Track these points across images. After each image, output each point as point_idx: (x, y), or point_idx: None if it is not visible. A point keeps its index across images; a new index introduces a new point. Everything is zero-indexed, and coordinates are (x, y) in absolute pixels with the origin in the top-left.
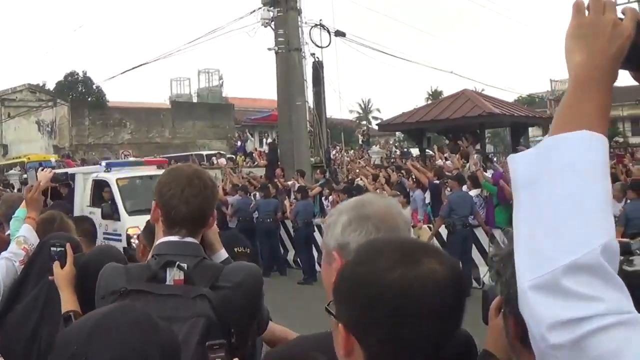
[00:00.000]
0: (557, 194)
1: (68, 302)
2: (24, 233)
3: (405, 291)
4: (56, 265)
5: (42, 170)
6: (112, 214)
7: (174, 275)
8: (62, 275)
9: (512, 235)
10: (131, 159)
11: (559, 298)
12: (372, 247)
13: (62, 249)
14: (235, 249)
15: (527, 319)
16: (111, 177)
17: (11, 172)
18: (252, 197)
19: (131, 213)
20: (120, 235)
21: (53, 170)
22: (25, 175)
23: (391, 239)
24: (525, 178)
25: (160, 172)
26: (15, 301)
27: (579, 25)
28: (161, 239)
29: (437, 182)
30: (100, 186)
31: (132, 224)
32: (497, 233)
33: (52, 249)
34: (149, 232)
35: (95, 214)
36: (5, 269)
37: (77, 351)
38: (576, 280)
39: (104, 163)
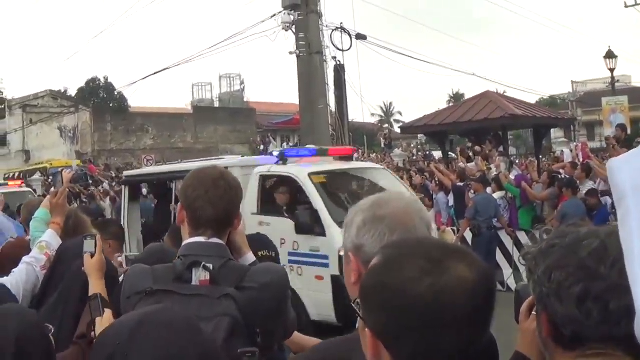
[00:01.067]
0: None
1: (95, 286)
2: (47, 238)
3: (435, 301)
4: (87, 256)
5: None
6: (312, 226)
7: (199, 276)
8: (91, 263)
9: (544, 232)
10: (309, 146)
11: None
12: (399, 253)
13: (93, 240)
14: (260, 253)
15: None
16: (299, 172)
17: (34, 177)
18: None
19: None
20: (326, 257)
21: (72, 172)
22: (50, 179)
23: (418, 244)
24: (632, 184)
25: (351, 166)
26: (39, 309)
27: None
28: (187, 240)
29: (461, 184)
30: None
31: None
32: (521, 235)
33: (84, 241)
34: (174, 235)
35: (272, 226)
36: (25, 274)
37: (118, 349)
38: None
39: (275, 152)
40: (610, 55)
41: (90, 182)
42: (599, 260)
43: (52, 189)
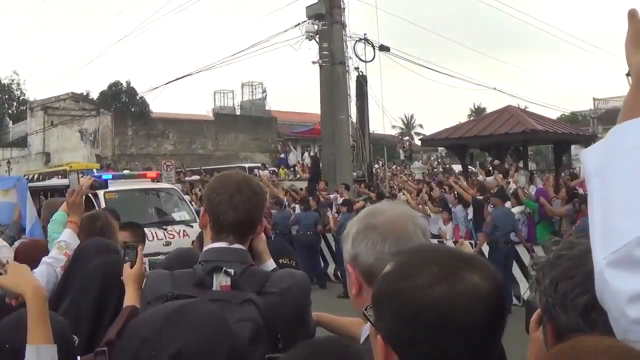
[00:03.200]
0: (625, 174)
1: (130, 298)
2: (65, 238)
3: (448, 308)
4: (127, 265)
5: (83, 177)
6: None
7: (220, 281)
8: (129, 273)
9: (553, 243)
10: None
11: (635, 270)
12: (413, 261)
13: (134, 250)
14: (281, 260)
15: (605, 299)
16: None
17: (53, 180)
18: (291, 210)
19: None
20: None
21: (92, 178)
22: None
23: (432, 252)
24: (595, 166)
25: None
26: (56, 309)
27: (636, 31)
28: (209, 245)
29: (480, 197)
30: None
31: None
32: (539, 250)
33: (126, 250)
34: (201, 240)
35: None
36: (46, 274)
37: (150, 335)
38: None
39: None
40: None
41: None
42: None
43: (69, 189)
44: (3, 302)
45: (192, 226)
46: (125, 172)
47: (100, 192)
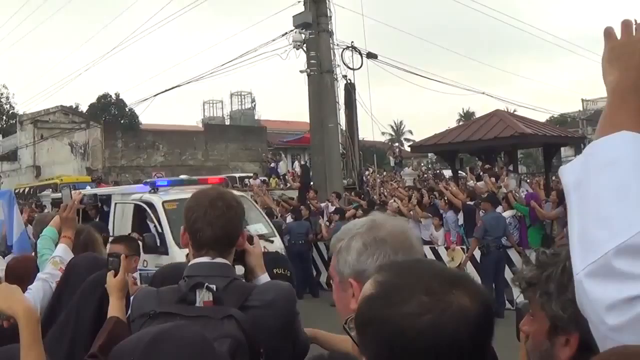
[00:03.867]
0: (601, 188)
1: (114, 308)
2: (59, 253)
3: (437, 337)
4: (110, 274)
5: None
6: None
7: (203, 297)
8: (113, 283)
9: (551, 256)
10: (183, 176)
11: (613, 280)
12: (398, 283)
13: (117, 259)
14: (275, 271)
15: (585, 308)
16: (157, 200)
17: (44, 193)
18: (282, 220)
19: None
20: None
21: (81, 192)
22: (58, 194)
23: (417, 272)
24: (573, 182)
25: None
26: (49, 325)
27: (611, 49)
28: (192, 261)
29: (471, 203)
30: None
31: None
32: (530, 254)
33: (109, 259)
34: None
35: None
36: (42, 290)
37: None
38: (628, 261)
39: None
40: None
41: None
42: None
43: (62, 204)
44: None
45: (272, 241)
46: (183, 177)
47: (159, 202)
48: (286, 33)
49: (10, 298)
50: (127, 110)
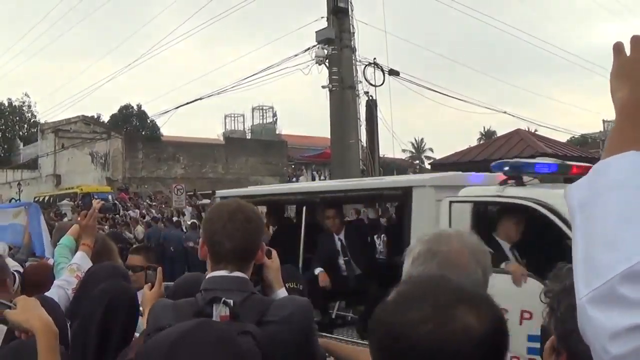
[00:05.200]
0: (608, 210)
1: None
2: (77, 260)
3: (436, 349)
4: (147, 287)
5: (95, 200)
6: None
7: (220, 311)
8: (148, 296)
9: (566, 270)
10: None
11: (617, 307)
12: (411, 292)
13: (154, 272)
14: (287, 285)
15: (587, 335)
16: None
17: (64, 202)
18: None
19: None
20: None
21: (102, 201)
22: (79, 203)
23: (432, 286)
24: (579, 203)
25: None
26: (65, 333)
27: (621, 65)
28: (210, 273)
29: None
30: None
31: None
32: (558, 272)
33: (147, 271)
34: None
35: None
36: (56, 297)
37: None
38: (634, 288)
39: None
40: None
41: (120, 211)
42: None
43: (82, 211)
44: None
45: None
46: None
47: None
48: (309, 48)
49: (29, 312)
50: (148, 121)
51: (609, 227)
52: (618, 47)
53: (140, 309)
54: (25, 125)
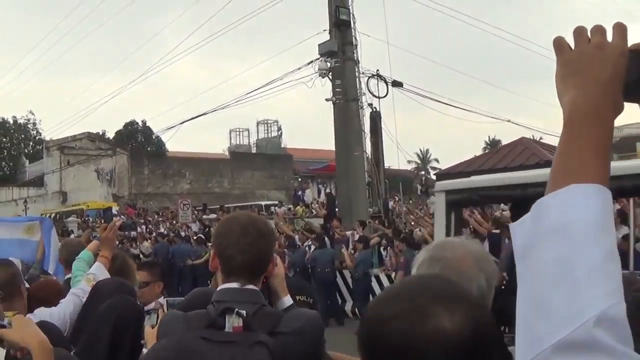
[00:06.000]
0: (545, 264)
1: None
2: (94, 271)
3: (402, 346)
4: (148, 327)
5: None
6: None
7: (232, 322)
8: (151, 334)
9: None
10: None
11: None
12: (392, 290)
13: (157, 314)
14: (298, 297)
15: None
16: None
17: (70, 219)
18: (306, 249)
19: None
20: None
21: (121, 219)
22: (86, 219)
23: (417, 284)
24: (521, 246)
25: None
26: (74, 342)
27: (564, 63)
28: (221, 286)
29: (497, 231)
30: None
31: None
32: None
33: (148, 315)
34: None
35: None
36: (72, 304)
37: None
38: None
39: None
40: None
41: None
42: None
43: (104, 224)
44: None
45: None
46: None
47: None
48: (312, 61)
49: (25, 330)
50: (153, 137)
51: (543, 285)
52: (559, 43)
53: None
54: (31, 143)
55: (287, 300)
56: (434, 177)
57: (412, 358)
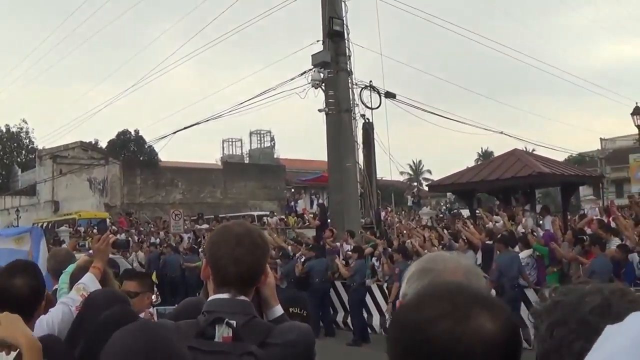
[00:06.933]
0: None
1: None
2: (85, 281)
3: (449, 345)
4: None
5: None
6: None
7: (222, 332)
8: None
9: (552, 290)
10: None
11: None
12: (427, 292)
13: None
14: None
15: None
16: None
17: (62, 228)
18: (298, 260)
19: None
20: None
21: (116, 237)
22: (77, 228)
23: (450, 288)
24: None
25: None
26: (68, 355)
27: None
28: (212, 296)
29: (490, 242)
30: None
31: None
32: (547, 292)
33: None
34: (207, 290)
35: None
36: (61, 313)
37: None
38: None
39: None
40: (637, 111)
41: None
42: (601, 316)
43: (97, 235)
44: None
45: None
46: None
47: None
48: (305, 72)
49: (13, 328)
50: (146, 147)
51: None
52: None
53: None
54: (23, 152)
55: (278, 310)
56: (426, 189)
57: (458, 356)
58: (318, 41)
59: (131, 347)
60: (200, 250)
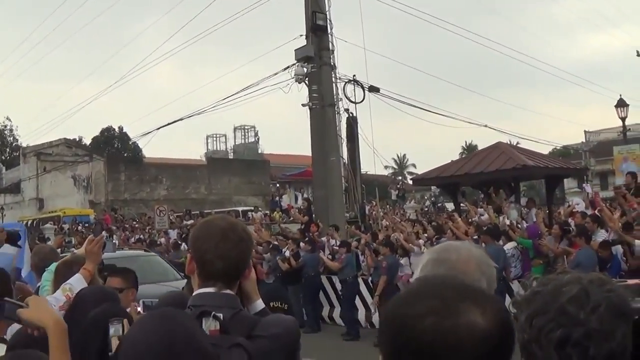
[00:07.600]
0: None
1: None
2: (72, 282)
3: (437, 341)
4: (115, 339)
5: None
6: None
7: (209, 325)
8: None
9: (532, 280)
10: None
11: None
12: (417, 287)
13: (120, 325)
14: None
15: None
16: None
17: (47, 225)
18: (285, 254)
19: None
20: None
21: (105, 241)
22: (61, 226)
23: (442, 282)
24: None
25: None
26: None
27: None
28: (197, 290)
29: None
30: None
31: None
32: (528, 283)
33: (110, 325)
34: (190, 285)
35: None
36: None
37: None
38: None
39: None
40: (621, 103)
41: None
42: (579, 305)
43: (90, 236)
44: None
45: None
46: None
47: None
48: (288, 67)
49: (41, 310)
50: (130, 143)
51: None
52: None
53: None
54: (7, 149)
55: (259, 304)
56: (410, 183)
57: (446, 352)
58: (301, 36)
59: (154, 337)
60: (182, 245)
